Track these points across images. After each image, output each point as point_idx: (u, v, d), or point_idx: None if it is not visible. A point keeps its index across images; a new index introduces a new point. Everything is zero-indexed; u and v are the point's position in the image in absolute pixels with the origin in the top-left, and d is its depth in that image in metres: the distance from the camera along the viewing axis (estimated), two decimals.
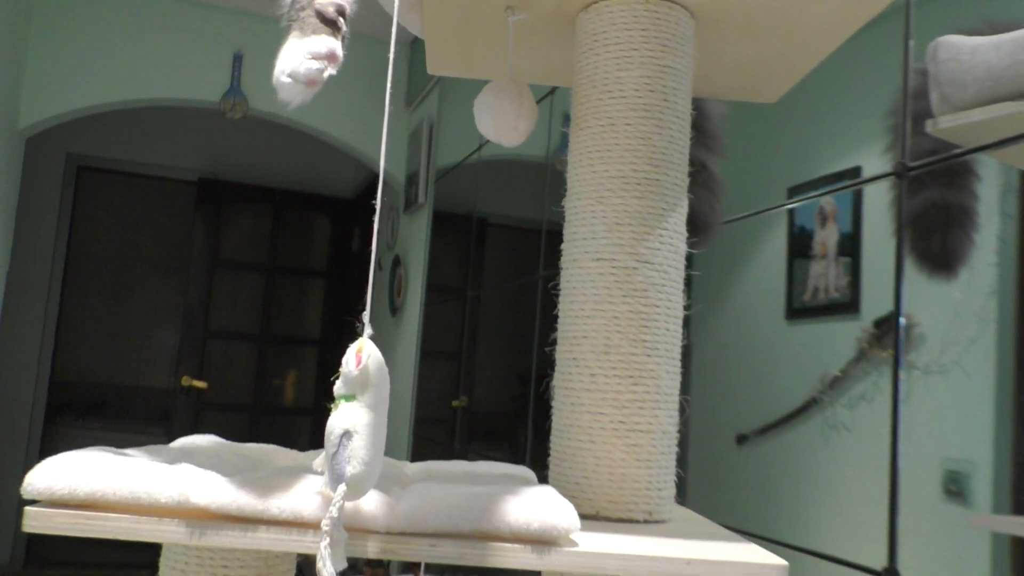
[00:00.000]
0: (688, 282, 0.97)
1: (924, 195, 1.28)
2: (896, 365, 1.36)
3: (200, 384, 4.98)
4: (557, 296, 0.93)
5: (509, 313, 3.75)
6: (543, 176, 2.79)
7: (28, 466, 4.81)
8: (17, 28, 3.61)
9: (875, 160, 2.07)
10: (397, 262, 4.19)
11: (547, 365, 0.94)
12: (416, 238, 4.02)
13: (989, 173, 1.52)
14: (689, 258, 1.02)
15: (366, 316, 0.65)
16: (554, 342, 0.93)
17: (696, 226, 1.20)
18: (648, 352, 0.86)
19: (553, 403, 0.92)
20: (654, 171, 0.89)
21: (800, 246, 2.74)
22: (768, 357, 2.79)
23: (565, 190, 0.95)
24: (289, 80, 0.67)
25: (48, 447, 4.94)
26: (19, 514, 4.70)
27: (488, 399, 3.81)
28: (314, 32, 0.68)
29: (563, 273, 0.92)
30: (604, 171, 0.89)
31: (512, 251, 3.71)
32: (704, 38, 1.00)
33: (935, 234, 1.29)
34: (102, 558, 5.03)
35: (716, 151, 1.22)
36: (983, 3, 1.31)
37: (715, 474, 2.97)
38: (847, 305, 2.50)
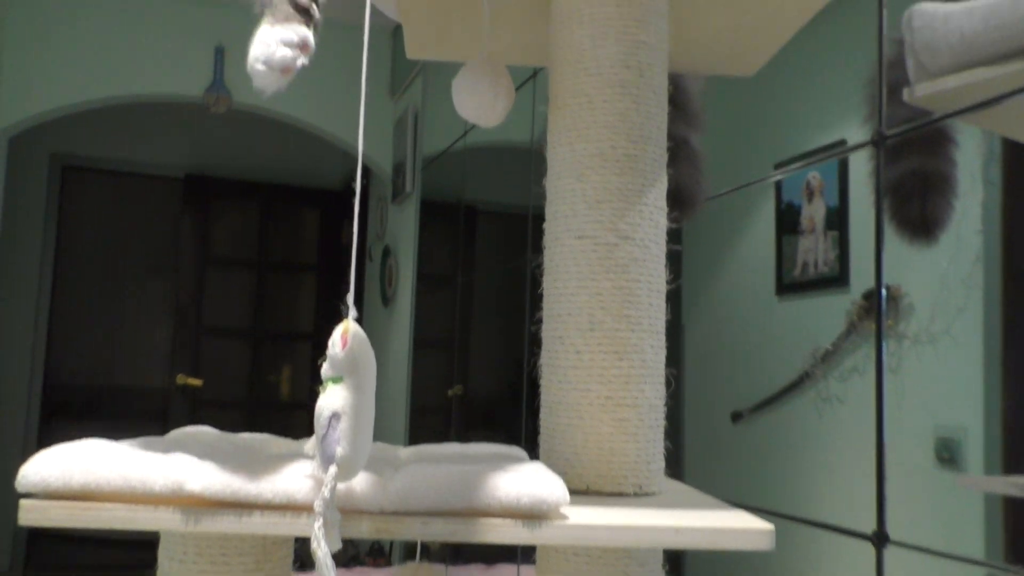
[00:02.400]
0: (676, 258, 0.98)
1: (903, 164, 1.30)
2: (879, 333, 1.37)
3: (195, 382, 4.98)
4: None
5: (501, 299, 3.76)
6: (530, 161, 2.80)
7: None
8: None
9: (858, 131, 2.08)
10: (387, 252, 4.19)
11: (537, 346, 0.95)
12: (405, 228, 4.02)
13: (971, 141, 1.53)
14: (677, 234, 1.03)
15: (350, 298, 0.66)
16: (540, 322, 0.94)
17: (681, 200, 1.21)
18: (632, 328, 0.87)
19: (541, 381, 0.93)
20: (632, 148, 0.89)
21: (788, 222, 2.76)
22: (760, 333, 2.81)
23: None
24: (263, 68, 0.67)
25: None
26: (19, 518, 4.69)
27: (484, 386, 3.83)
28: (286, 20, 0.69)
29: (546, 252, 0.93)
30: (583, 149, 0.90)
31: (502, 237, 3.72)
32: (679, 10, 1.00)
33: (914, 200, 1.30)
34: (102, 560, 5.04)
35: (696, 126, 1.23)
36: None
37: (712, 452, 2.99)
38: (836, 279, 2.51)
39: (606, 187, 0.89)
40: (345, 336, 0.65)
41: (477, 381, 3.83)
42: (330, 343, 0.66)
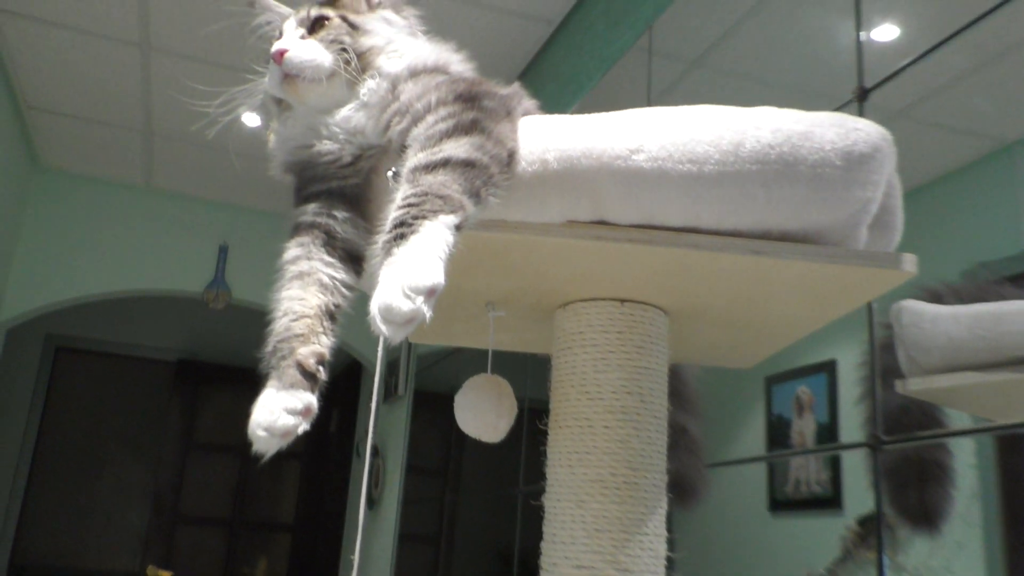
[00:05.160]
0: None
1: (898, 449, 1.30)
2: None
3: (166, 574, 4.77)
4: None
5: (491, 496, 3.67)
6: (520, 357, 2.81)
7: None
8: (7, 227, 3.68)
9: (849, 353, 2.11)
10: (375, 451, 4.13)
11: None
12: (395, 426, 3.98)
13: (962, 421, 1.54)
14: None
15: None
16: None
17: (682, 491, 1.20)
18: None
19: None
20: (633, 475, 0.89)
21: (778, 435, 2.74)
22: (753, 552, 2.72)
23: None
24: (264, 434, 0.68)
25: None
26: None
27: None
28: (292, 386, 0.70)
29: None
30: (583, 474, 0.89)
31: None
32: (678, 327, 1.03)
33: (910, 488, 1.30)
34: None
35: (694, 413, 1.23)
36: None
37: None
38: (830, 500, 2.47)
39: (605, 515, 0.87)
40: None
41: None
42: None
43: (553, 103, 2.96)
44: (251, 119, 3.21)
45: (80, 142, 3.90)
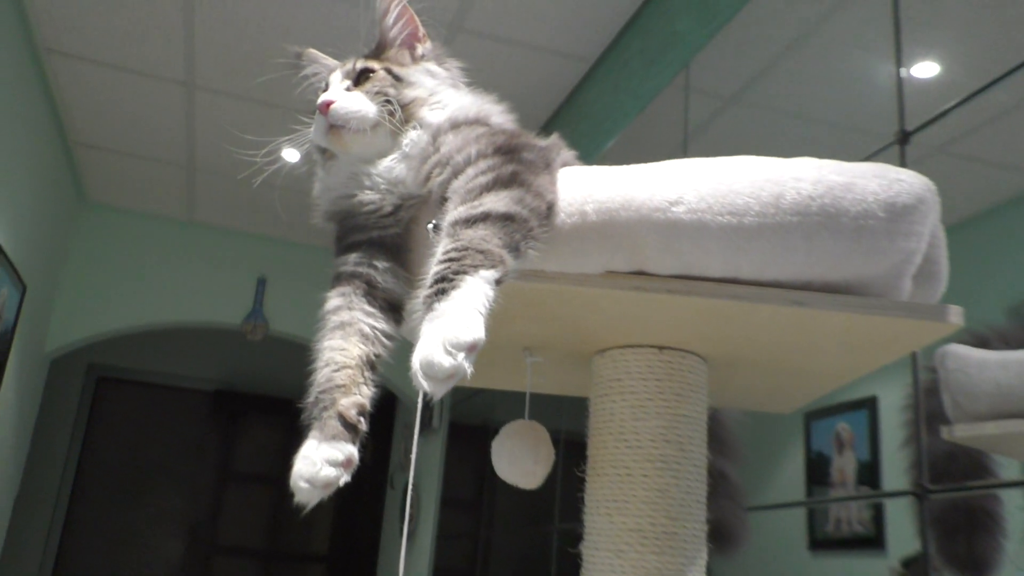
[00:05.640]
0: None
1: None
2: None
3: None
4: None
5: (526, 531, 3.64)
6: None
7: None
8: (54, 260, 3.77)
9: (890, 390, 2.07)
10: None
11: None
12: (430, 460, 3.98)
13: (1011, 472, 1.50)
14: None
15: None
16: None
17: (723, 538, 1.18)
18: None
19: None
20: (672, 524, 0.88)
21: (818, 473, 2.69)
22: None
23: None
24: (307, 486, 0.68)
25: None
26: None
27: None
28: (333, 437, 0.70)
29: None
30: (622, 523, 0.89)
31: None
32: (717, 373, 1.02)
33: (959, 537, 1.27)
34: None
35: (734, 458, 1.22)
36: None
37: None
38: (871, 540, 2.41)
39: (644, 566, 0.86)
40: None
41: None
42: None
43: (588, 140, 2.97)
44: (291, 155, 3.26)
45: (124, 177, 3.99)
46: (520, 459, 0.94)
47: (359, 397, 0.74)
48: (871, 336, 0.85)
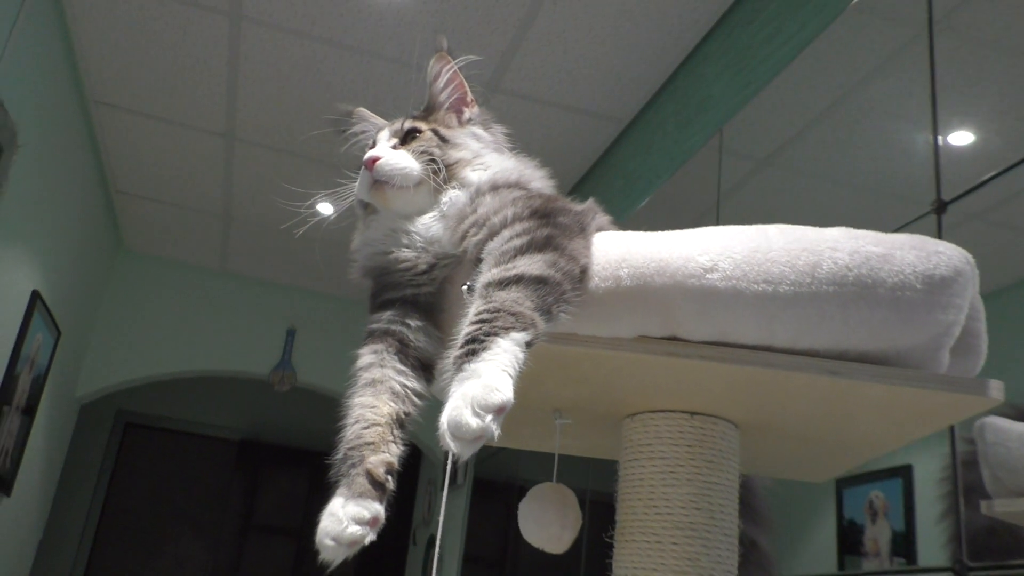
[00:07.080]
0: None
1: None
2: None
3: None
4: None
5: None
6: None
7: None
8: (89, 306, 3.83)
9: (926, 458, 2.01)
10: (431, 542, 4.07)
11: None
12: (454, 516, 3.93)
13: None
14: None
15: None
16: None
17: None
18: None
19: None
20: None
21: (851, 541, 2.61)
22: None
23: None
24: (332, 543, 0.68)
25: None
26: None
27: None
28: (360, 495, 0.70)
29: None
30: None
31: None
32: (749, 440, 1.01)
33: None
34: None
35: (765, 527, 1.19)
36: None
37: None
38: None
39: None
40: None
41: None
42: None
43: (621, 199, 2.99)
44: (325, 208, 3.31)
45: (162, 226, 4.07)
46: (548, 523, 0.92)
47: (387, 455, 0.74)
48: (908, 408, 0.84)
